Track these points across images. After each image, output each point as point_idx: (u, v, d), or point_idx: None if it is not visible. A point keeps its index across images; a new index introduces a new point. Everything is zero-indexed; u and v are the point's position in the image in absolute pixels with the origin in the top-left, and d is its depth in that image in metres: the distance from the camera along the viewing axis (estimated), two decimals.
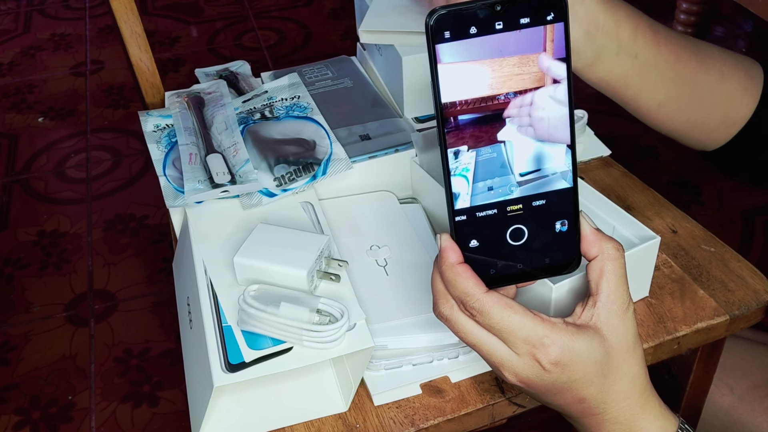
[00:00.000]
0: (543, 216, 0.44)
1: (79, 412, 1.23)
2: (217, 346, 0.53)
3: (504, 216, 0.44)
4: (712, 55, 0.60)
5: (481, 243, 0.44)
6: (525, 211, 0.44)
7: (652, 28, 0.56)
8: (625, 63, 0.55)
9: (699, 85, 0.60)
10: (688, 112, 0.61)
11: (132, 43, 0.81)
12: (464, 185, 0.43)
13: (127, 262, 1.50)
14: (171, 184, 0.67)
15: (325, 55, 0.90)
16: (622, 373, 0.45)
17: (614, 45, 0.54)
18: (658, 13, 2.19)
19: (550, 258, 0.45)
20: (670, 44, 0.57)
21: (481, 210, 0.44)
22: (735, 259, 0.64)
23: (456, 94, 0.42)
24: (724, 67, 0.61)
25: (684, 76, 0.59)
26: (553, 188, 0.44)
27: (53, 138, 1.86)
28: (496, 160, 0.43)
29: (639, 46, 0.55)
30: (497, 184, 0.44)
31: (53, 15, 2.38)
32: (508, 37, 0.41)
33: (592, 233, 0.45)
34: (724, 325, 0.59)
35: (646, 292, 0.60)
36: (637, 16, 0.55)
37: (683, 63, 0.58)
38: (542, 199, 0.44)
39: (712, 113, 0.62)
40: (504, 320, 0.43)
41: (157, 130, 0.74)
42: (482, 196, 0.44)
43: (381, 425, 0.53)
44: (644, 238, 0.57)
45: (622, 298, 0.45)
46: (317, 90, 0.82)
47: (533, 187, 0.44)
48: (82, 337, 1.35)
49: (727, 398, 0.71)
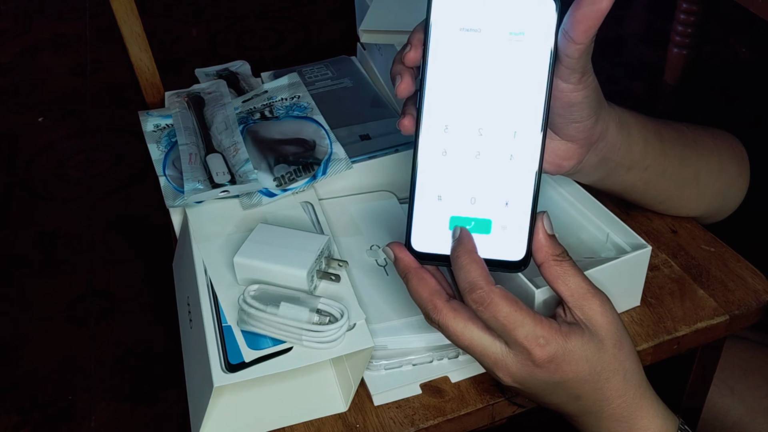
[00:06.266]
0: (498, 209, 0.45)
1: (79, 412, 1.23)
2: (217, 346, 0.53)
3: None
4: (710, 147, 0.62)
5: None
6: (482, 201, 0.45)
7: (659, 135, 0.57)
8: (635, 175, 0.57)
9: (701, 182, 0.62)
10: (690, 205, 0.64)
11: (132, 43, 0.81)
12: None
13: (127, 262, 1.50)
14: (171, 184, 0.67)
15: (325, 55, 0.90)
16: (613, 369, 0.46)
17: (627, 162, 0.55)
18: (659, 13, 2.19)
19: (500, 250, 0.45)
20: (674, 148, 0.58)
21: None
22: (735, 259, 0.64)
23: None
24: (722, 158, 0.63)
25: (687, 176, 0.60)
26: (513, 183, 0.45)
27: (53, 138, 1.86)
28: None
29: (649, 159, 0.56)
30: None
31: (53, 15, 2.38)
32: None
33: (544, 238, 0.45)
34: (724, 325, 0.59)
35: (638, 301, 0.60)
36: (645, 127, 0.56)
37: (687, 164, 0.60)
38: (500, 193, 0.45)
39: (711, 203, 0.65)
40: (509, 315, 0.43)
41: (157, 130, 0.74)
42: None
43: (381, 425, 0.53)
44: (636, 246, 0.57)
45: (590, 294, 0.45)
46: (317, 90, 0.82)
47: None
48: (82, 337, 1.35)
49: (727, 398, 0.71)
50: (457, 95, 0.44)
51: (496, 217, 0.45)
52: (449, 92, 0.44)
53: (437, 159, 0.45)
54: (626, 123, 0.53)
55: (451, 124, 0.44)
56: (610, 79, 1.91)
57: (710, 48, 1.96)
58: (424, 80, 0.44)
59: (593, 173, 0.54)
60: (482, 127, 0.44)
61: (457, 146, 0.44)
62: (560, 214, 0.64)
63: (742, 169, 0.64)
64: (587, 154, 0.51)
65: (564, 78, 0.45)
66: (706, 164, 0.61)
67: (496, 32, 0.43)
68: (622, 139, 0.52)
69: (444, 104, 0.44)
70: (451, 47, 0.43)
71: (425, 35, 0.44)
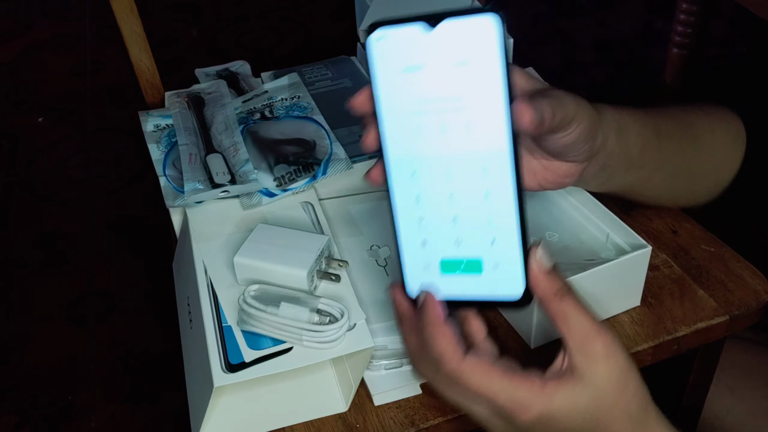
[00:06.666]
0: (485, 246, 0.42)
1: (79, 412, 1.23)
2: (217, 346, 0.53)
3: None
4: (704, 130, 0.61)
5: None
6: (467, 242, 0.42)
7: (657, 131, 0.56)
8: (633, 175, 0.56)
9: (693, 169, 0.61)
10: (680, 192, 0.63)
11: (132, 43, 0.81)
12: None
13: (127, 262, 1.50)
14: (171, 184, 0.67)
15: (325, 55, 0.90)
16: (614, 415, 0.43)
17: (625, 165, 0.54)
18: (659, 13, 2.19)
19: (496, 290, 0.42)
20: (671, 141, 0.57)
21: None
22: (735, 259, 0.64)
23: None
24: (714, 140, 0.62)
25: (681, 165, 0.59)
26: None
27: (53, 138, 1.86)
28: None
29: (646, 158, 0.55)
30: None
31: (53, 15, 2.38)
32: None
33: (540, 273, 0.41)
34: (723, 325, 0.59)
35: (638, 301, 0.60)
36: (644, 126, 0.54)
37: (682, 154, 0.59)
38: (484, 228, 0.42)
39: (701, 186, 0.64)
40: (483, 385, 0.42)
41: (157, 130, 0.74)
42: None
43: (381, 425, 0.53)
44: (636, 246, 0.57)
45: (593, 335, 0.41)
46: (317, 90, 0.82)
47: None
48: (82, 337, 1.35)
49: (726, 399, 0.71)
50: (416, 138, 0.41)
51: (485, 255, 0.42)
52: (408, 136, 0.41)
53: (413, 205, 0.43)
54: (625, 127, 0.52)
55: (419, 169, 0.42)
56: (610, 79, 1.91)
57: (710, 48, 1.96)
58: (382, 128, 0.42)
59: (592, 181, 0.54)
60: (450, 168, 0.41)
61: (428, 191, 0.42)
62: (560, 215, 0.64)
63: (735, 148, 0.63)
64: (588, 167, 0.51)
65: (550, 133, 0.44)
66: (699, 148, 0.60)
67: (440, 64, 0.39)
68: (621, 145, 0.52)
69: (406, 149, 0.42)
70: (400, 88, 0.41)
71: (372, 81, 0.41)
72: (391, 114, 0.41)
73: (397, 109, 0.41)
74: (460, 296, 0.43)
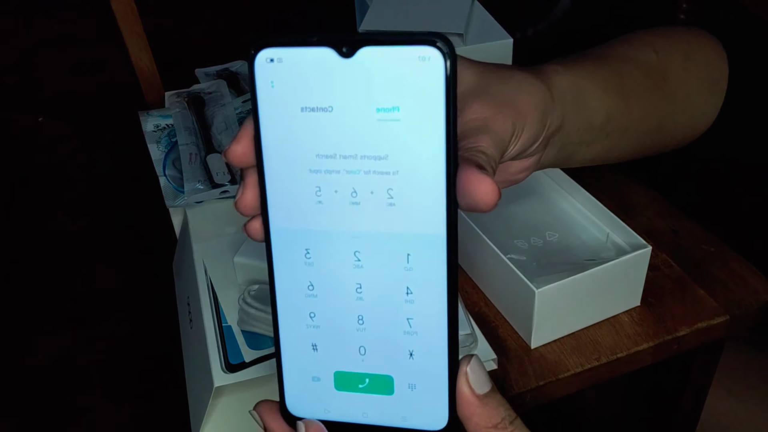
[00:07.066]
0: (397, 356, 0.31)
1: (80, 412, 1.23)
2: (217, 346, 0.53)
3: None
4: (679, 79, 0.53)
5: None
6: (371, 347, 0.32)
7: (621, 90, 0.48)
8: (597, 147, 0.49)
9: (665, 126, 0.54)
10: (646, 151, 0.56)
11: (132, 43, 0.81)
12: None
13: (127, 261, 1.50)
14: (171, 184, 0.67)
15: None
16: None
17: (586, 139, 0.46)
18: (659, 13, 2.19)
19: (410, 417, 0.32)
20: (638, 100, 0.50)
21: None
22: (735, 259, 0.64)
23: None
24: (690, 89, 0.54)
25: (651, 125, 0.52)
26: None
27: (53, 138, 1.86)
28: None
29: (611, 126, 0.48)
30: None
31: (53, 15, 2.38)
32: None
33: (472, 402, 0.31)
34: (724, 325, 0.59)
35: (638, 301, 0.60)
36: (605, 87, 0.47)
37: (652, 114, 0.51)
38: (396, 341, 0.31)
39: (672, 141, 0.57)
40: None
41: (157, 130, 0.75)
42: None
43: None
44: (636, 246, 0.57)
45: None
46: None
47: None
48: (82, 337, 1.35)
49: (724, 399, 0.71)
50: (313, 206, 0.30)
51: (398, 372, 0.31)
52: (303, 202, 0.30)
53: (301, 294, 0.31)
54: (584, 95, 0.45)
55: (314, 248, 0.31)
56: None
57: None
58: (266, 189, 0.31)
59: (554, 163, 0.47)
60: (358, 251, 0.30)
61: (325, 279, 0.31)
62: (560, 214, 0.64)
63: (714, 95, 0.55)
64: (543, 154, 0.43)
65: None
66: (673, 107, 0.53)
67: (355, 109, 0.28)
68: (580, 118, 0.44)
69: (298, 220, 0.31)
70: (295, 135, 0.29)
71: (255, 123, 0.30)
72: (279, 168, 0.30)
73: (288, 162, 0.30)
74: (359, 421, 0.32)
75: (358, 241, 0.30)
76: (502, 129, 0.36)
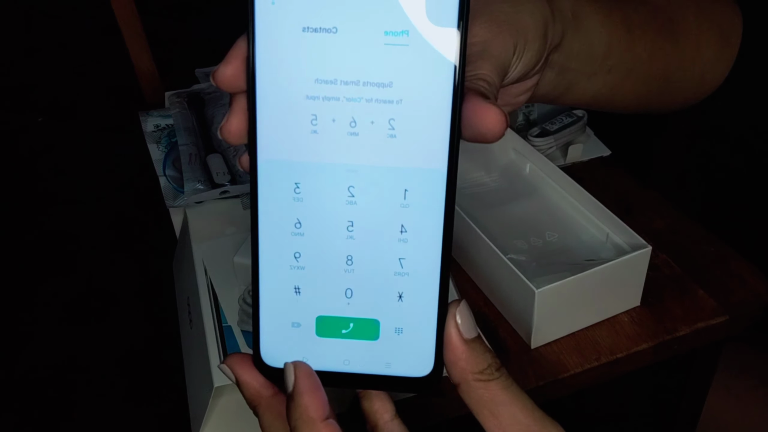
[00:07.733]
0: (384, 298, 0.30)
1: (80, 412, 1.23)
2: (217, 346, 0.53)
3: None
4: (689, 26, 0.50)
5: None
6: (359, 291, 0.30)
7: (626, 23, 0.46)
8: (598, 82, 0.46)
9: (672, 75, 0.51)
10: (652, 101, 0.52)
11: (132, 43, 0.81)
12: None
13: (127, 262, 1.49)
14: (171, 184, 0.67)
15: None
16: None
17: (588, 68, 0.44)
18: None
19: (394, 363, 0.31)
20: (643, 38, 0.47)
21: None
22: (735, 259, 0.64)
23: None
24: (700, 39, 0.51)
25: (657, 70, 0.49)
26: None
27: (53, 138, 1.86)
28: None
29: (613, 58, 0.45)
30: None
31: (53, 15, 2.38)
32: None
33: (460, 346, 0.29)
34: (724, 325, 0.59)
35: (638, 301, 0.60)
36: (610, 15, 0.45)
37: (659, 55, 0.49)
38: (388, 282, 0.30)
39: (679, 95, 0.54)
40: None
41: (157, 130, 0.75)
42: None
43: None
44: (636, 246, 0.57)
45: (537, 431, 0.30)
46: None
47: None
48: (82, 337, 1.35)
49: (725, 399, 0.71)
50: (306, 135, 0.28)
51: (385, 316, 0.30)
52: (295, 130, 0.28)
53: (287, 232, 0.29)
54: (584, 16, 0.43)
55: (304, 181, 0.29)
56: None
57: None
58: (256, 114, 0.28)
59: (551, 92, 0.44)
60: (352, 186, 0.28)
61: (314, 215, 0.29)
62: (560, 215, 0.64)
63: (724, 51, 0.53)
64: (543, 75, 0.41)
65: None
66: (681, 50, 0.50)
67: (361, 31, 0.27)
68: (581, 41, 0.42)
69: (289, 150, 0.28)
70: (293, 57, 0.27)
71: (249, 43, 0.28)
72: (272, 94, 0.28)
73: (283, 87, 0.28)
74: (340, 369, 0.31)
75: (354, 176, 0.28)
76: (503, 52, 0.34)
